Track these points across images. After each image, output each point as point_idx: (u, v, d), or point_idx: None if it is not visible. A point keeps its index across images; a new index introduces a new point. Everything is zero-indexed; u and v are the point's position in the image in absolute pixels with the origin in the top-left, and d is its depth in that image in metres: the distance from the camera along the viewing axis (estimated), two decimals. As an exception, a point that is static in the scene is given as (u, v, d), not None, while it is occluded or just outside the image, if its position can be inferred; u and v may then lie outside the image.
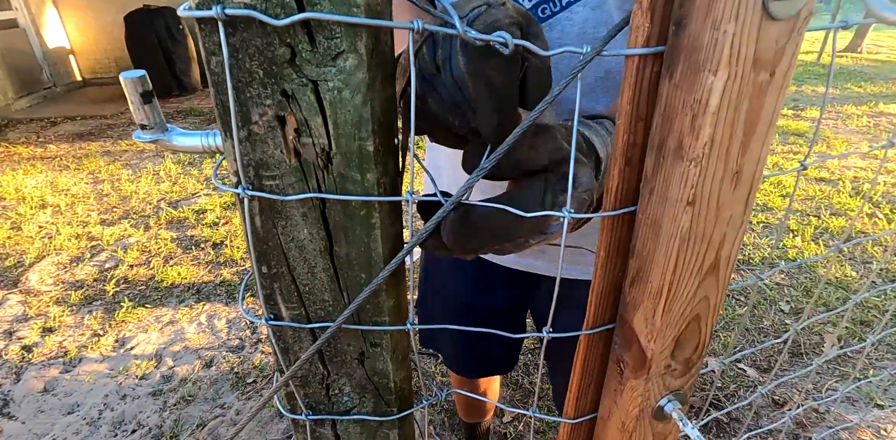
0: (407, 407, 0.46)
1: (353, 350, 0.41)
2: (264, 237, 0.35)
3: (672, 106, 0.29)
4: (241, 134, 0.31)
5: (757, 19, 0.25)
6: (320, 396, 0.43)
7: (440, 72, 0.33)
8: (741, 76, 0.27)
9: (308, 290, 0.37)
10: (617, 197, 0.34)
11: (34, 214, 2.99)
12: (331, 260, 0.36)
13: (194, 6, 0.27)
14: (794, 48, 0.28)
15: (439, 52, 0.33)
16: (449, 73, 0.33)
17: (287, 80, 0.29)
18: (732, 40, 0.25)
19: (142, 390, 1.75)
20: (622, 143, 0.32)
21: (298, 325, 0.38)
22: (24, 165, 3.78)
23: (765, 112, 0.29)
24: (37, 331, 2.03)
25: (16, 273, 2.42)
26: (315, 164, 0.32)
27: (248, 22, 0.28)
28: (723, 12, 0.25)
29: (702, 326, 0.37)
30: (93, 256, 2.56)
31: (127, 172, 3.63)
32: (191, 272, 2.41)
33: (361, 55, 0.29)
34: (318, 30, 0.28)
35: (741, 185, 0.31)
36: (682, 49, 0.28)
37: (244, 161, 0.32)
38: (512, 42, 0.31)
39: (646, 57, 0.30)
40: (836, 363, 1.89)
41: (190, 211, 2.99)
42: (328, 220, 0.34)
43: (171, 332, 2.03)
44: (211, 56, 0.29)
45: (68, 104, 5.57)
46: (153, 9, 5.44)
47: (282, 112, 0.30)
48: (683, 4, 0.27)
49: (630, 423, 0.40)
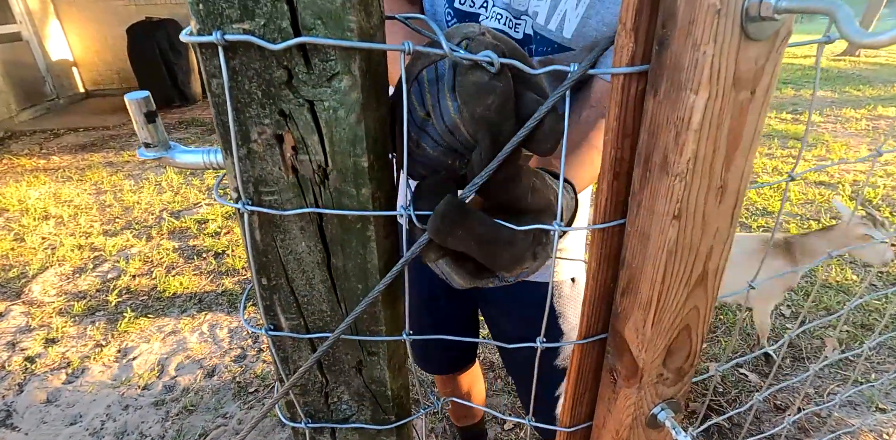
0: (405, 415, 0.46)
1: (351, 359, 0.41)
2: (264, 250, 0.36)
3: (657, 122, 0.30)
4: (240, 152, 0.32)
5: (736, 40, 0.26)
6: (319, 404, 0.44)
7: (430, 117, 0.33)
8: (722, 95, 0.28)
9: (306, 301, 0.38)
10: (606, 210, 0.35)
11: (37, 226, 3.01)
12: (328, 272, 0.37)
13: (195, 32, 0.29)
14: (774, 67, 0.29)
15: (427, 97, 0.33)
16: (440, 118, 0.33)
17: (284, 100, 0.31)
18: (712, 60, 0.27)
19: (144, 400, 1.76)
20: (610, 158, 0.33)
21: (297, 336, 0.39)
22: (27, 177, 3.81)
23: (747, 128, 0.30)
24: (40, 342, 2.03)
25: (19, 284, 2.43)
26: (312, 179, 0.33)
27: (247, 46, 0.29)
28: (702, 34, 0.26)
29: (692, 336, 0.38)
30: (95, 267, 2.58)
31: (129, 183, 3.66)
32: (193, 282, 2.42)
33: (355, 76, 0.30)
34: (313, 53, 0.29)
35: (726, 199, 0.32)
36: (665, 68, 0.29)
37: (244, 177, 0.33)
38: (498, 60, 0.32)
39: (631, 75, 0.31)
40: (838, 367, 1.89)
41: (192, 221, 3.01)
42: (325, 233, 0.35)
43: (174, 342, 2.03)
44: (212, 78, 0.30)
45: (71, 116, 5.62)
46: (155, 21, 5.51)
47: (280, 131, 0.32)
48: (665, 25, 0.28)
49: (624, 432, 0.41)
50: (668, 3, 0.27)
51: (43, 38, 5.90)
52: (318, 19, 0.28)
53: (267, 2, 0.28)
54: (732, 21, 0.26)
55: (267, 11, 0.28)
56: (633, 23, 0.29)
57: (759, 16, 0.26)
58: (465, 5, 0.68)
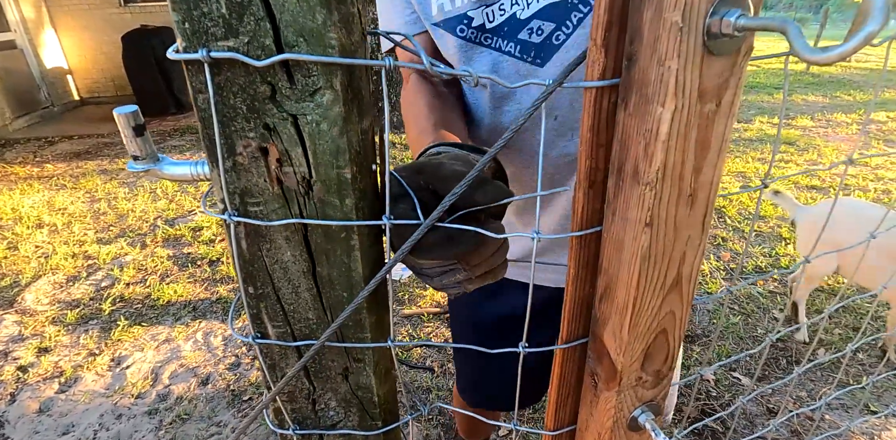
0: (392, 420, 0.47)
1: (338, 365, 0.42)
2: (250, 259, 0.37)
3: (627, 134, 0.31)
4: (226, 164, 0.33)
5: (699, 56, 0.28)
6: (307, 411, 0.44)
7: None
8: (688, 107, 0.29)
9: (293, 309, 0.39)
10: (583, 218, 0.36)
11: (31, 234, 3.00)
12: (314, 280, 0.38)
13: (182, 50, 0.30)
14: (738, 80, 0.30)
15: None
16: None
17: (269, 114, 0.32)
18: (677, 75, 0.28)
19: (137, 409, 1.75)
20: (585, 168, 0.34)
21: (284, 343, 0.40)
22: (21, 185, 3.80)
23: (714, 139, 0.31)
24: (32, 352, 2.02)
25: (12, 293, 2.42)
26: (297, 191, 0.34)
27: (232, 63, 0.30)
28: (666, 50, 0.27)
29: (669, 340, 0.39)
30: (89, 275, 2.57)
31: (124, 190, 3.65)
32: (187, 290, 2.41)
33: (337, 91, 0.31)
34: (296, 69, 0.30)
35: (696, 207, 0.33)
36: (634, 82, 0.30)
37: (230, 189, 0.34)
38: (475, 75, 0.33)
39: (602, 89, 0.32)
40: (830, 370, 1.90)
41: (186, 228, 3.01)
42: (310, 242, 0.36)
43: (167, 351, 2.03)
44: (198, 94, 0.31)
45: (66, 123, 5.61)
46: (150, 29, 5.52)
47: (264, 143, 0.33)
48: (633, 42, 0.29)
49: (605, 434, 0.42)
50: (635, 21, 0.29)
51: (38, 46, 5.91)
52: (301, 37, 0.30)
53: (250, 20, 0.29)
54: (695, 38, 0.27)
55: (251, 29, 0.29)
56: (602, 39, 0.30)
57: (720, 33, 0.27)
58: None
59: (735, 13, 0.26)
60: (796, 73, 8.31)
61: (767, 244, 2.79)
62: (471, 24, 0.63)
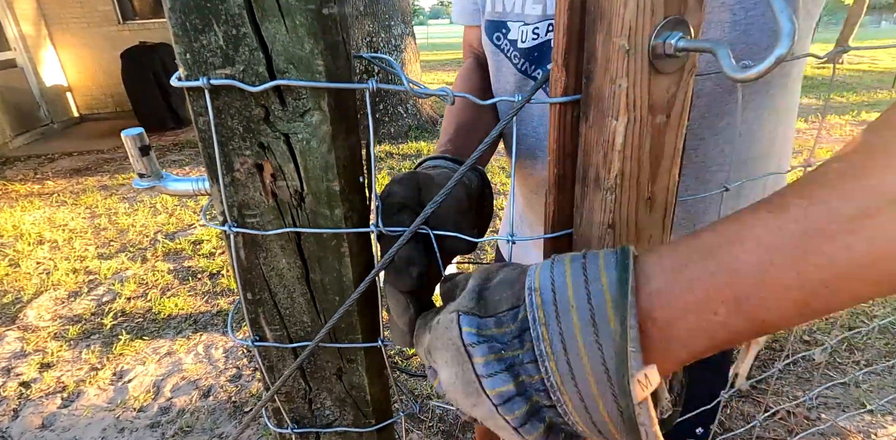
0: (385, 419, 0.49)
1: (332, 366, 0.45)
2: (248, 267, 0.40)
3: (589, 144, 0.35)
4: (225, 180, 0.36)
5: (646, 74, 0.31)
6: (304, 410, 0.47)
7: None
8: (640, 120, 0.32)
9: (289, 313, 0.42)
10: (554, 221, 0.39)
11: (32, 251, 3.03)
12: (307, 286, 0.41)
13: (184, 78, 0.33)
14: (685, 94, 0.33)
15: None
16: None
17: (263, 134, 0.35)
18: (627, 91, 0.31)
19: (140, 422, 1.76)
20: (553, 176, 0.37)
21: (281, 345, 0.43)
22: (21, 202, 3.83)
23: (667, 148, 0.34)
24: (35, 367, 2.04)
25: (14, 309, 2.44)
26: (290, 203, 0.37)
27: (229, 89, 0.33)
28: (616, 69, 0.31)
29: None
30: (90, 290, 2.59)
31: (124, 206, 3.69)
32: (188, 303, 2.43)
33: (325, 112, 0.34)
34: (287, 92, 0.34)
35: (656, 210, 0.36)
36: (592, 98, 0.33)
37: (229, 202, 0.37)
38: (452, 94, 0.36)
39: (565, 104, 0.35)
40: (827, 369, 1.91)
41: (187, 242, 3.03)
42: (303, 250, 0.39)
43: (169, 364, 2.04)
44: (198, 116, 0.34)
45: (66, 140, 5.67)
46: (149, 45, 5.61)
47: (259, 160, 0.36)
48: (589, 62, 0.33)
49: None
50: (590, 45, 0.32)
51: (37, 64, 5.99)
52: (291, 64, 0.33)
53: (245, 50, 0.32)
54: (641, 58, 0.30)
55: (245, 58, 0.32)
56: (563, 60, 0.33)
57: (664, 53, 0.30)
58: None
59: (676, 36, 0.30)
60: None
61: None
62: (507, 35, 0.60)
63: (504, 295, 0.29)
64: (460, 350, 0.29)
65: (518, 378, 0.28)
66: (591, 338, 0.25)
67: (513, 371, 0.28)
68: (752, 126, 0.53)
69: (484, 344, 0.29)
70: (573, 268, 0.27)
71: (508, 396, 0.28)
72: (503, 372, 0.28)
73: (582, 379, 0.26)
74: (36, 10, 6.03)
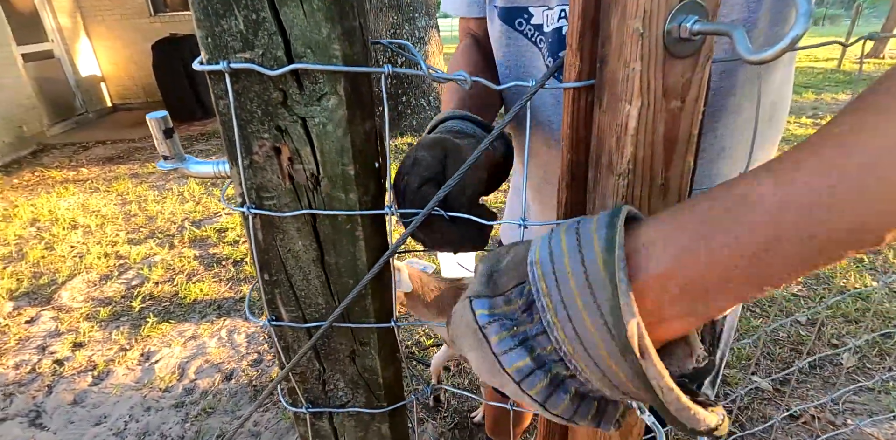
0: (397, 402, 0.50)
1: (345, 348, 0.46)
2: (265, 248, 0.41)
3: (602, 129, 0.34)
4: (244, 162, 0.37)
5: (661, 58, 0.31)
6: (318, 391, 0.48)
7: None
8: (653, 104, 0.32)
9: (304, 295, 0.43)
10: (567, 207, 0.39)
11: (66, 235, 3.15)
12: (322, 268, 0.42)
13: (205, 61, 0.34)
14: (701, 79, 0.33)
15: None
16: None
17: (281, 117, 0.36)
18: (641, 75, 0.31)
19: (165, 402, 1.82)
20: (566, 162, 0.37)
21: (296, 325, 0.44)
22: (57, 188, 3.98)
23: (681, 133, 0.34)
24: (68, 346, 2.13)
25: (49, 291, 2.54)
26: (306, 186, 0.38)
27: (248, 72, 0.34)
28: (630, 53, 0.30)
29: None
30: (120, 274, 2.68)
31: (153, 193, 3.79)
32: (212, 289, 2.50)
33: (341, 96, 0.35)
34: (304, 77, 0.34)
35: (670, 196, 0.35)
36: (606, 82, 0.33)
37: (248, 184, 0.38)
38: (469, 79, 0.36)
39: (579, 89, 0.35)
40: (855, 374, 1.86)
41: (212, 230, 3.11)
42: (319, 233, 0.40)
43: (194, 347, 2.11)
44: (219, 100, 0.35)
45: (99, 129, 5.85)
46: (179, 37, 5.73)
47: (277, 144, 0.37)
48: (603, 46, 0.32)
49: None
50: (605, 28, 0.32)
51: (73, 55, 6.18)
52: (308, 48, 0.33)
53: (264, 35, 0.33)
54: (656, 42, 0.30)
55: (264, 43, 0.33)
56: (577, 44, 0.33)
57: (679, 37, 0.30)
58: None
59: (691, 19, 0.29)
60: (826, 72, 8.10)
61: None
62: (530, 21, 0.61)
63: (511, 274, 0.30)
64: (477, 333, 0.30)
65: (533, 351, 0.28)
66: (589, 300, 0.25)
67: (526, 345, 0.28)
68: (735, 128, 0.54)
69: (496, 322, 0.29)
70: (568, 236, 0.27)
71: (527, 371, 0.28)
72: (517, 347, 0.28)
73: (590, 342, 0.26)
74: (72, 3, 6.21)
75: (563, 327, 0.26)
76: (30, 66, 5.41)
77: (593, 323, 0.25)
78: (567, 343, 0.27)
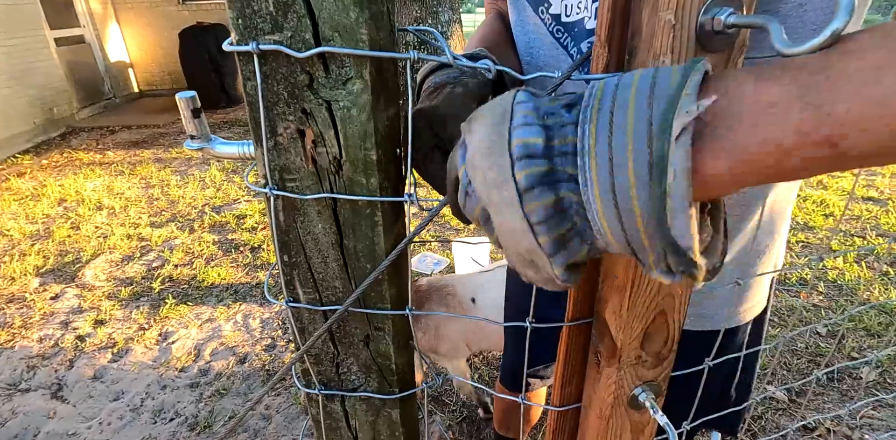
0: (409, 388, 0.51)
1: (360, 332, 0.46)
2: (286, 230, 0.42)
3: (628, 123, 0.34)
4: (269, 143, 0.38)
5: (692, 51, 0.30)
6: (331, 374, 0.49)
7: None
8: (683, 99, 0.31)
9: (322, 278, 0.44)
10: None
11: (92, 215, 3.23)
12: (341, 252, 0.42)
13: (235, 42, 0.34)
14: (734, 74, 0.32)
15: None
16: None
17: (306, 100, 0.36)
18: (672, 69, 0.30)
19: (181, 382, 1.87)
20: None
21: (313, 307, 0.45)
22: (84, 170, 4.08)
23: (710, 129, 0.33)
24: (90, 323, 2.19)
25: (73, 269, 2.62)
26: (328, 169, 0.38)
27: (277, 55, 0.34)
28: (661, 45, 0.30)
29: (669, 321, 0.41)
30: (142, 256, 2.74)
31: (176, 178, 3.87)
32: (230, 273, 2.54)
33: (366, 80, 0.35)
34: (331, 60, 0.34)
35: (693, 193, 0.35)
36: (635, 75, 0.33)
37: (271, 166, 0.39)
38: (494, 67, 0.36)
39: (607, 81, 0.34)
40: (875, 389, 1.82)
41: (231, 216, 3.16)
42: (339, 216, 0.41)
43: (210, 329, 2.15)
44: (246, 81, 0.36)
45: (126, 114, 5.97)
46: (206, 26, 5.79)
47: (302, 126, 0.37)
48: (633, 37, 0.32)
49: (606, 410, 0.44)
50: (635, 19, 0.31)
51: (103, 41, 6.30)
52: (336, 32, 0.34)
53: (293, 17, 0.33)
54: (687, 34, 0.29)
55: (293, 25, 0.34)
56: (606, 35, 0.33)
57: (713, 30, 0.29)
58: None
59: (726, 12, 0.28)
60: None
61: (815, 255, 2.68)
62: (548, 9, 0.58)
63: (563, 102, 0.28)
64: (506, 108, 0.27)
65: (549, 132, 0.26)
66: (645, 94, 0.24)
67: (547, 131, 0.26)
68: None
69: (531, 103, 0.27)
70: (643, 73, 0.25)
71: (532, 150, 0.26)
72: (536, 125, 0.26)
73: (619, 130, 0.24)
74: (105, -11, 6.32)
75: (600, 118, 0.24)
76: (62, 51, 5.53)
77: (637, 110, 0.24)
78: (593, 126, 0.25)
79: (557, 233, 0.26)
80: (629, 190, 0.24)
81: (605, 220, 0.25)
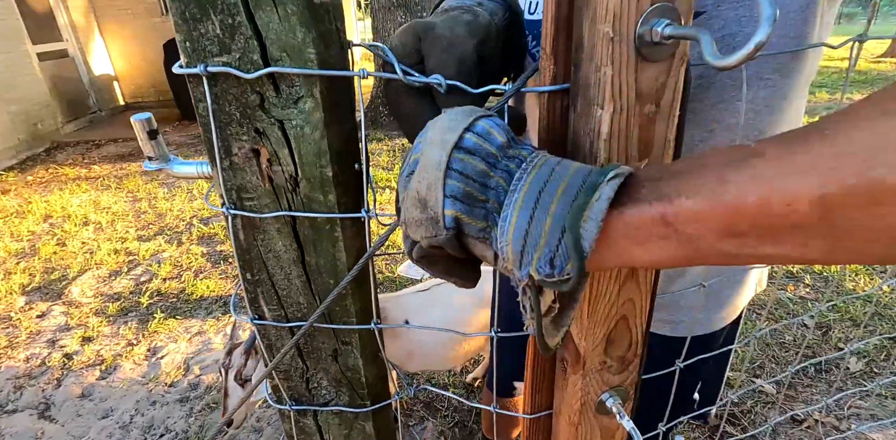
0: (381, 400, 0.51)
1: (328, 347, 0.46)
2: (247, 248, 0.42)
3: (577, 133, 0.34)
4: (224, 164, 0.38)
5: (633, 62, 0.31)
6: (301, 389, 0.49)
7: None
8: (627, 108, 0.32)
9: (286, 294, 0.44)
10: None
11: (78, 231, 3.20)
12: (303, 268, 0.42)
13: (184, 65, 0.34)
14: (676, 83, 0.33)
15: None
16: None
17: (259, 120, 0.36)
18: (612, 79, 0.31)
19: (170, 397, 1.85)
20: (543, 166, 0.37)
21: (279, 324, 0.44)
22: (70, 185, 4.04)
23: (657, 137, 0.34)
24: (77, 341, 2.16)
25: (60, 286, 2.59)
26: (285, 187, 0.39)
27: (226, 76, 0.34)
28: (601, 57, 0.30)
29: (631, 326, 0.41)
30: (129, 270, 2.72)
31: (163, 191, 3.84)
32: (219, 285, 2.52)
33: (317, 99, 0.35)
34: (281, 80, 0.35)
35: (645, 201, 0.35)
36: (580, 86, 0.33)
37: (228, 185, 0.39)
38: (444, 82, 0.37)
39: (555, 93, 0.35)
40: (862, 379, 1.83)
41: (220, 227, 3.14)
42: (299, 233, 0.41)
43: (199, 342, 2.13)
44: (198, 102, 0.36)
45: (111, 127, 5.93)
46: (190, 36, 5.77)
47: (256, 146, 0.37)
48: (577, 50, 0.32)
49: (574, 416, 0.44)
50: (577, 32, 0.32)
51: (87, 54, 6.26)
52: (284, 52, 0.34)
53: (241, 39, 0.33)
54: (627, 46, 0.30)
55: (241, 47, 0.34)
56: (551, 48, 0.33)
57: (651, 41, 0.30)
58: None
59: (663, 23, 0.29)
60: (841, 71, 7.96)
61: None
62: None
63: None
64: (445, 152, 0.29)
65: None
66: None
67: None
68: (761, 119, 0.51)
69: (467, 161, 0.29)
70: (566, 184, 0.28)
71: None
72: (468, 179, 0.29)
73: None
74: (86, 2, 6.29)
75: None
76: (45, 65, 5.49)
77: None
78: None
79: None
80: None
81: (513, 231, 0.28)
